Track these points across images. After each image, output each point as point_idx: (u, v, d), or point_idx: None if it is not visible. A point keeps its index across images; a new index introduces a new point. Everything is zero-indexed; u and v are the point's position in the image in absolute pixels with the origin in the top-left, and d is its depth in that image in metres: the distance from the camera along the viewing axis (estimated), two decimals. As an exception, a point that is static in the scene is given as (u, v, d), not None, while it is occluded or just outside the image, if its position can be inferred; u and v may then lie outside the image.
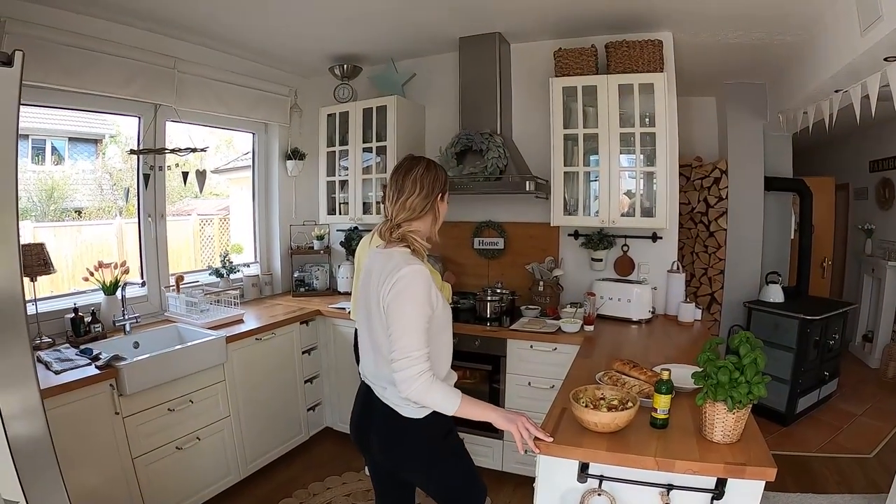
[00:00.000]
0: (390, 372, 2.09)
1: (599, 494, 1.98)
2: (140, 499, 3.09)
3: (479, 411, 2.11)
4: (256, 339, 3.93)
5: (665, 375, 2.07)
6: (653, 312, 4.07)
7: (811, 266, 5.91)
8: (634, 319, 3.97)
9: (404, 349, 2.01)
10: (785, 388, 4.90)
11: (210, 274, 4.62)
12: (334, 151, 4.90)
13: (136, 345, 3.59)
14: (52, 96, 3.43)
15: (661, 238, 4.27)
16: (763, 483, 1.84)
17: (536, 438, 2.02)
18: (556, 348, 3.67)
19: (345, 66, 4.82)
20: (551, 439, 2.01)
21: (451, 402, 2.06)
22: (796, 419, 5.03)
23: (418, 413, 2.20)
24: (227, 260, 4.69)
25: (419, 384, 2.00)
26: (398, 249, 2.15)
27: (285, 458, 4.25)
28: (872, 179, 7.09)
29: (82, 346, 3.24)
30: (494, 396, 3.88)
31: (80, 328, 3.44)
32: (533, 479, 2.18)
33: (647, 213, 3.97)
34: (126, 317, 3.65)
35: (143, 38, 3.79)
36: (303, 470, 4.16)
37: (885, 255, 6.63)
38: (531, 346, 3.75)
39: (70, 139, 4.43)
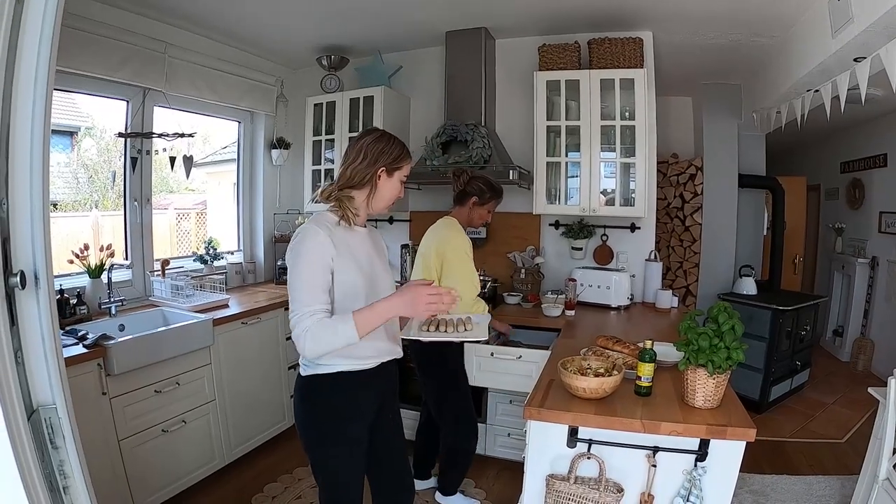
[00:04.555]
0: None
1: (589, 458, 2.05)
2: (125, 482, 3.07)
3: (377, 315, 1.99)
4: (242, 322, 3.95)
5: (648, 344, 2.16)
6: (631, 299, 4.19)
7: (783, 262, 6.08)
8: (614, 305, 4.08)
9: (293, 308, 1.99)
10: (758, 376, 5.05)
11: (194, 260, 4.61)
12: (320, 141, 4.94)
13: (122, 327, 3.58)
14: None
15: (639, 228, 4.40)
16: (744, 444, 1.94)
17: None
18: (522, 358, 3.70)
19: (332, 56, 4.86)
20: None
21: (346, 330, 1.93)
22: (770, 407, 5.18)
23: (303, 370, 2.18)
24: (212, 247, 4.69)
25: (304, 340, 1.93)
26: (323, 212, 2.17)
27: (268, 445, 4.26)
28: (843, 180, 7.28)
29: (68, 327, 3.21)
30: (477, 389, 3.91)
31: (66, 310, 3.42)
32: (516, 463, 2.24)
33: (627, 202, 4.08)
34: (112, 299, 3.65)
35: (136, 22, 3.80)
36: (286, 456, 4.16)
37: (854, 252, 6.83)
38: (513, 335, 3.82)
39: (45, 131, 4.37)
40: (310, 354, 1.99)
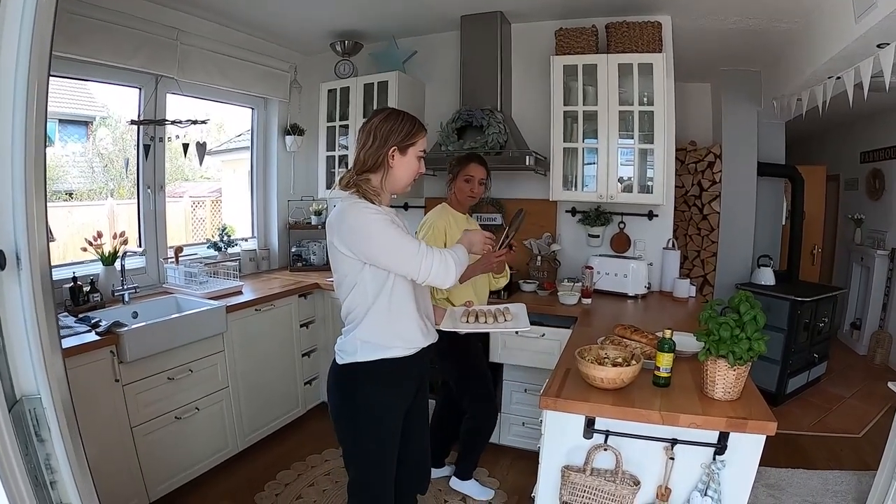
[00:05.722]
0: (343, 315, 2.20)
1: (605, 450, 2.02)
2: (138, 469, 3.08)
3: (465, 247, 2.27)
4: (256, 310, 3.94)
5: (668, 334, 2.11)
6: (648, 288, 4.14)
7: (801, 252, 5.99)
8: (631, 294, 4.03)
9: (408, 256, 2.03)
10: (775, 368, 5.00)
11: (208, 247, 4.61)
12: (334, 127, 4.89)
13: (135, 314, 3.58)
14: (54, 65, 3.40)
15: (657, 216, 4.33)
16: (764, 437, 1.89)
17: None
18: (544, 334, 3.71)
19: (346, 42, 4.81)
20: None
21: (463, 253, 2.20)
22: (786, 400, 5.13)
23: (340, 358, 2.21)
24: (226, 234, 4.68)
25: (433, 270, 2.04)
26: (348, 195, 2.14)
27: (281, 432, 4.27)
28: (863, 170, 7.15)
29: (81, 315, 3.22)
30: (495, 373, 3.91)
31: (79, 297, 3.42)
32: (530, 453, 2.20)
33: (645, 189, 4.03)
34: (125, 287, 3.64)
35: (147, 9, 3.76)
36: (299, 443, 4.17)
37: (874, 244, 6.71)
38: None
39: (60, 121, 4.38)
40: (456, 278, 2.11)
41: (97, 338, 2.88)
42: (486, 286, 3.47)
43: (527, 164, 3.90)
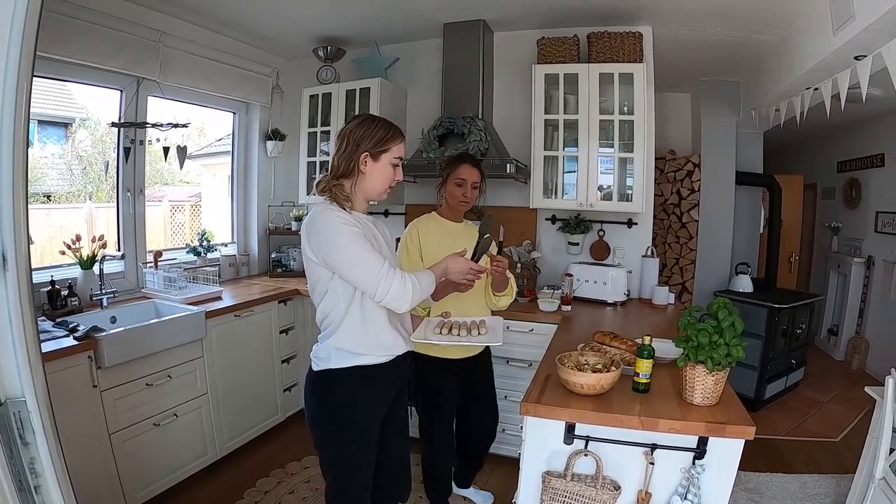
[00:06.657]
0: (317, 322, 2.22)
1: (586, 455, 2.03)
2: (117, 476, 3.04)
3: (438, 273, 2.25)
4: (235, 315, 3.92)
5: (647, 340, 2.13)
6: (628, 295, 4.17)
7: (779, 260, 6.07)
8: (610, 301, 4.06)
9: (368, 274, 2.00)
10: (754, 374, 5.06)
11: (187, 252, 4.58)
12: (316, 132, 4.89)
13: (114, 319, 3.54)
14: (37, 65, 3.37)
15: (636, 224, 4.38)
16: (743, 442, 1.92)
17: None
18: (532, 329, 3.73)
19: (328, 48, 4.81)
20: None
21: (429, 279, 2.17)
22: (765, 405, 5.19)
23: (315, 365, 2.21)
24: (205, 239, 4.65)
25: (389, 293, 2.01)
26: (323, 201, 2.14)
27: (261, 439, 4.23)
28: (840, 179, 7.26)
29: (59, 319, 3.18)
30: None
31: (57, 301, 3.37)
32: (511, 459, 2.21)
33: (625, 197, 4.07)
34: (103, 291, 3.60)
35: (130, 11, 3.74)
36: (279, 450, 4.14)
37: (850, 252, 6.82)
38: (507, 327, 3.75)
39: (39, 122, 4.32)
40: (413, 304, 2.07)
41: (75, 342, 2.85)
42: (479, 301, 3.10)
43: (507, 171, 3.90)
